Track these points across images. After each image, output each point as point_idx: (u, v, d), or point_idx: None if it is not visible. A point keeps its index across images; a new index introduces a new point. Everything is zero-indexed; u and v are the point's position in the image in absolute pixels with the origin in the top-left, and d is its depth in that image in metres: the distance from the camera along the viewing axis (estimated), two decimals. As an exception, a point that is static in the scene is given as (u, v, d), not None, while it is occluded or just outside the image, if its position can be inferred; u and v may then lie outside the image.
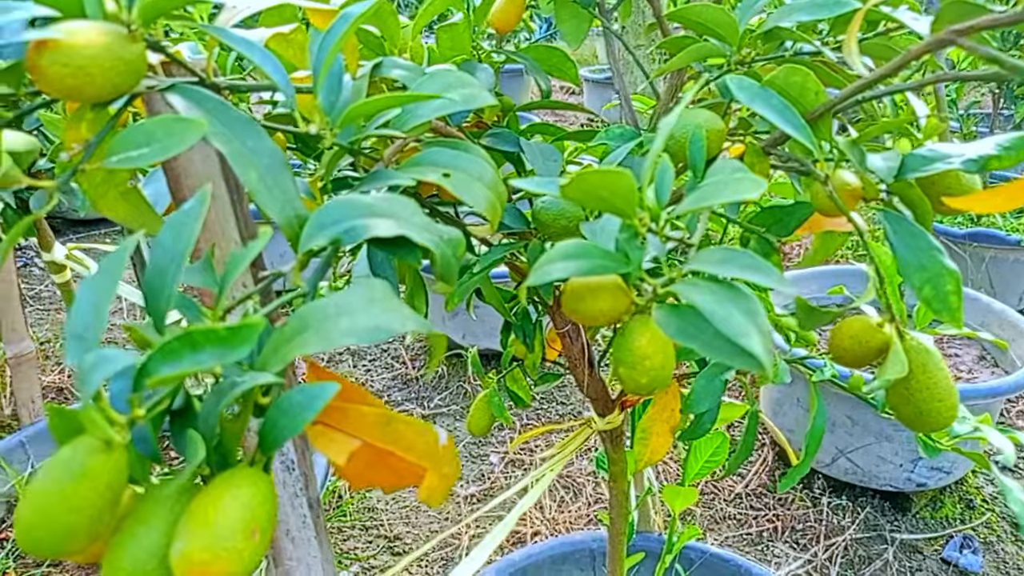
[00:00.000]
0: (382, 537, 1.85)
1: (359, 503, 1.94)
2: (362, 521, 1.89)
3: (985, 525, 1.80)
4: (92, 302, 0.28)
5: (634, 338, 0.37)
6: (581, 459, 2.08)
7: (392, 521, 1.89)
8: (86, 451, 0.28)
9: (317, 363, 0.34)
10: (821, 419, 0.67)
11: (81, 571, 1.40)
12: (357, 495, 1.97)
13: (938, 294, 0.40)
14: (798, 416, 1.84)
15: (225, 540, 0.27)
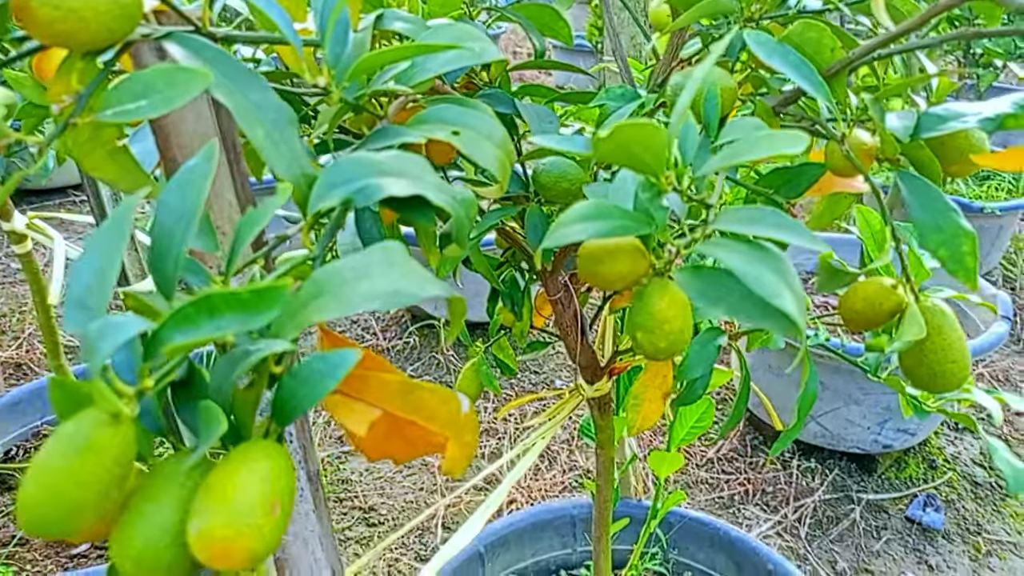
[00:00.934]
0: (357, 509, 1.84)
1: (333, 475, 1.93)
2: (336, 493, 1.88)
3: (947, 484, 1.86)
4: (95, 266, 0.26)
5: (653, 301, 0.36)
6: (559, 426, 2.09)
7: (367, 492, 1.88)
8: (92, 424, 0.26)
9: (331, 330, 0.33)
10: (813, 384, 0.67)
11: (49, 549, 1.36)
12: (331, 467, 1.95)
13: (954, 255, 0.39)
14: (770, 381, 1.87)
15: (246, 516, 0.26)
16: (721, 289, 0.33)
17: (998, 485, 1.86)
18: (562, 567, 1.29)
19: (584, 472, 1.93)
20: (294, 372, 0.28)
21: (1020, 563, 1.66)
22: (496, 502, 0.70)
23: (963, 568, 1.65)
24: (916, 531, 1.74)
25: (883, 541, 1.72)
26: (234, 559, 0.26)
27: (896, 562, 1.67)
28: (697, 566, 1.24)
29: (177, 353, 0.25)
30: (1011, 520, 1.77)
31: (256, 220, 0.28)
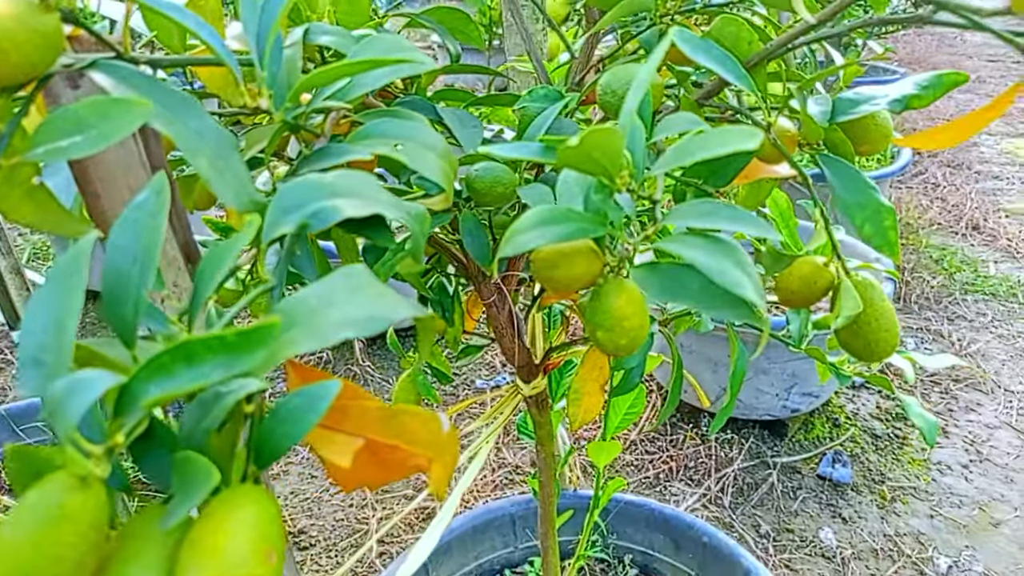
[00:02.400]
0: (287, 534, 1.78)
1: (256, 502, 1.86)
2: (262, 520, 1.81)
3: (851, 440, 1.98)
4: (49, 318, 0.24)
5: (611, 300, 0.37)
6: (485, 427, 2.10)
7: (295, 516, 1.82)
8: (61, 490, 0.24)
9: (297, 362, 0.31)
10: (742, 361, 0.70)
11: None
12: (253, 494, 1.88)
13: (877, 230, 0.42)
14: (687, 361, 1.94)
15: (240, 568, 0.25)
16: (680, 283, 0.34)
17: (895, 436, 2.00)
18: (506, 566, 1.29)
19: (513, 468, 1.94)
20: (275, 410, 0.27)
21: (921, 506, 1.79)
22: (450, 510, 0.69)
23: (872, 516, 1.77)
24: (828, 487, 1.85)
25: (799, 500, 1.82)
26: (233, 615, 0.24)
27: (813, 518, 1.77)
28: (637, 548, 1.28)
29: (155, 407, 0.23)
30: (910, 467, 1.90)
31: (221, 258, 0.27)
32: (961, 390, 2.14)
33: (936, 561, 1.65)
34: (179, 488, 0.25)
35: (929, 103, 0.43)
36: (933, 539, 1.70)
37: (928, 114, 4.15)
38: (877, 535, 1.72)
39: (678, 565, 1.24)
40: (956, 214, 3.09)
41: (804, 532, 1.73)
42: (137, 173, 0.37)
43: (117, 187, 0.37)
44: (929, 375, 2.21)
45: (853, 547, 1.69)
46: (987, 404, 2.09)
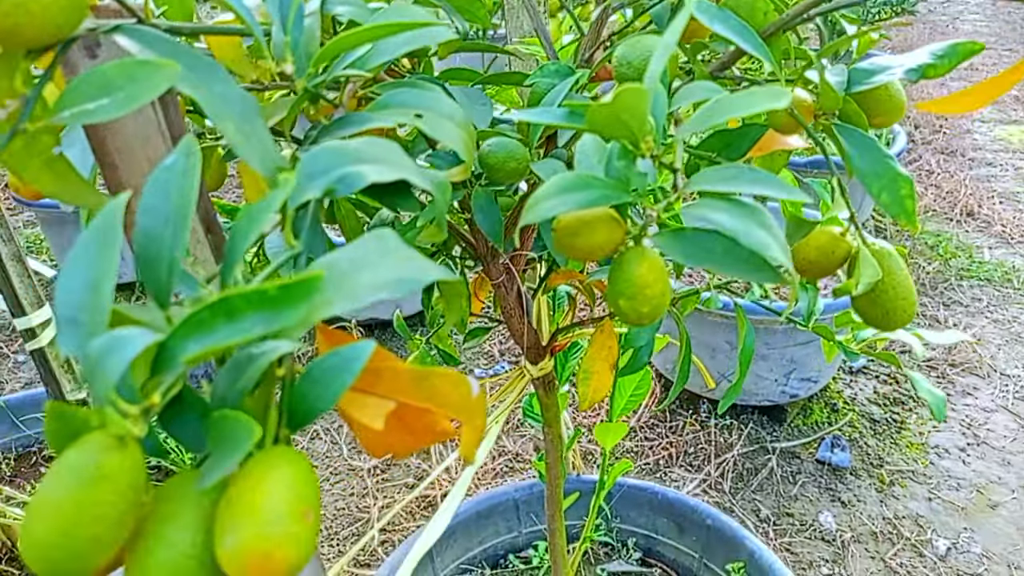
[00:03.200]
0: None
1: (257, 492, 1.86)
2: (263, 510, 1.81)
3: (849, 424, 1.99)
4: (86, 279, 0.23)
5: (632, 268, 0.37)
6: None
7: (295, 505, 1.82)
8: (99, 450, 0.24)
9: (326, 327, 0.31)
10: (750, 339, 0.70)
11: None
12: (254, 484, 1.88)
13: (895, 199, 0.42)
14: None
15: (279, 525, 0.25)
16: (704, 247, 0.34)
17: (894, 420, 2.01)
18: (510, 551, 1.30)
19: (513, 456, 1.94)
20: (306, 372, 0.27)
21: (920, 489, 1.80)
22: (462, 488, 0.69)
23: (872, 499, 1.78)
24: (827, 471, 1.86)
25: (799, 485, 1.83)
26: (273, 572, 0.24)
27: (813, 503, 1.78)
28: (640, 531, 1.28)
29: (195, 363, 0.23)
30: (907, 450, 1.92)
31: (254, 219, 0.27)
32: (958, 375, 2.16)
33: (935, 543, 1.66)
34: (216, 447, 0.25)
35: (944, 73, 0.43)
36: (932, 521, 1.72)
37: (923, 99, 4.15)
38: (876, 518, 1.73)
39: (681, 548, 1.25)
40: (951, 201, 3.10)
41: (804, 516, 1.74)
42: (156, 144, 0.36)
43: (135, 158, 0.37)
44: (926, 360, 2.22)
45: (853, 530, 1.70)
46: (984, 388, 2.11)
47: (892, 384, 2.13)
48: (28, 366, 2.32)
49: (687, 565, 1.25)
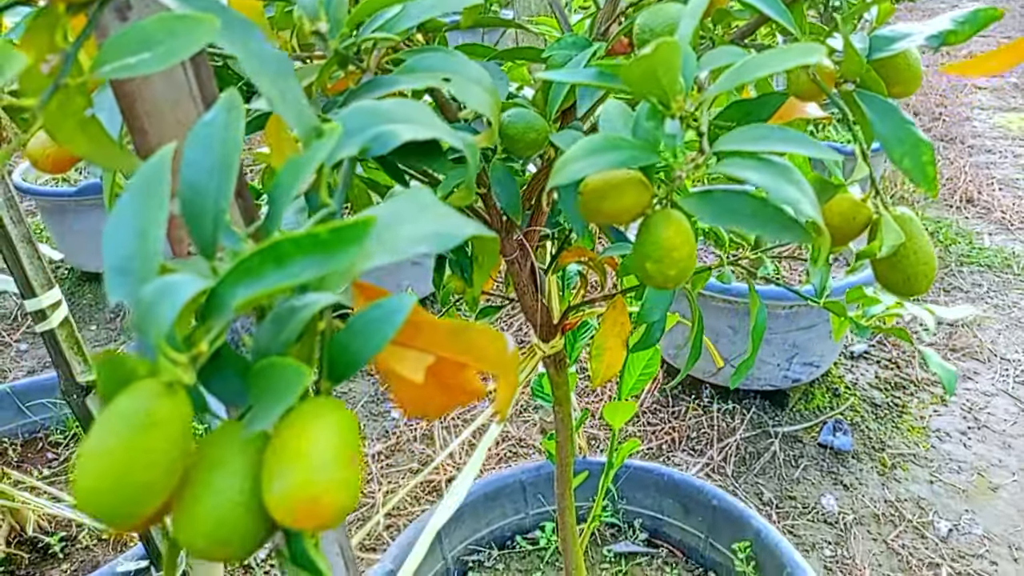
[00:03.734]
0: (292, 508, 1.79)
1: (262, 478, 1.86)
2: (268, 496, 1.82)
3: (851, 409, 2.00)
4: (133, 227, 0.24)
5: (660, 231, 0.37)
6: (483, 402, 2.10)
7: (300, 491, 1.83)
8: (149, 397, 0.24)
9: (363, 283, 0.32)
10: (762, 316, 0.71)
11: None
12: (259, 470, 1.88)
13: (916, 164, 0.42)
14: (684, 331, 1.95)
15: (327, 471, 0.25)
16: (733, 207, 0.34)
17: (895, 405, 2.02)
18: (516, 532, 1.30)
19: (517, 441, 1.95)
20: (348, 325, 0.27)
21: (921, 472, 1.82)
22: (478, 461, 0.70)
23: (873, 483, 1.79)
24: (829, 455, 1.87)
25: (801, 468, 1.84)
26: (321, 516, 0.25)
27: (815, 486, 1.79)
28: (646, 512, 1.29)
29: (246, 308, 0.23)
30: (909, 434, 1.93)
31: (298, 172, 0.27)
32: (959, 359, 2.17)
33: (936, 525, 1.68)
34: (262, 396, 0.25)
35: (966, 39, 0.43)
36: (933, 504, 1.73)
37: (920, 90, 4.15)
38: (878, 501, 1.74)
39: (687, 528, 1.26)
40: (950, 187, 3.11)
41: (806, 499, 1.75)
42: (186, 107, 0.36)
43: (165, 122, 0.37)
44: (926, 345, 2.23)
45: (855, 513, 1.71)
46: (984, 373, 2.12)
47: (893, 369, 2.14)
48: (31, 354, 2.32)
49: (693, 545, 1.26)
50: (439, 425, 2.01)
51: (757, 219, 0.33)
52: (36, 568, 1.25)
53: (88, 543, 1.29)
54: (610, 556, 1.27)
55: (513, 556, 1.29)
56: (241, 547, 0.26)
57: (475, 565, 1.27)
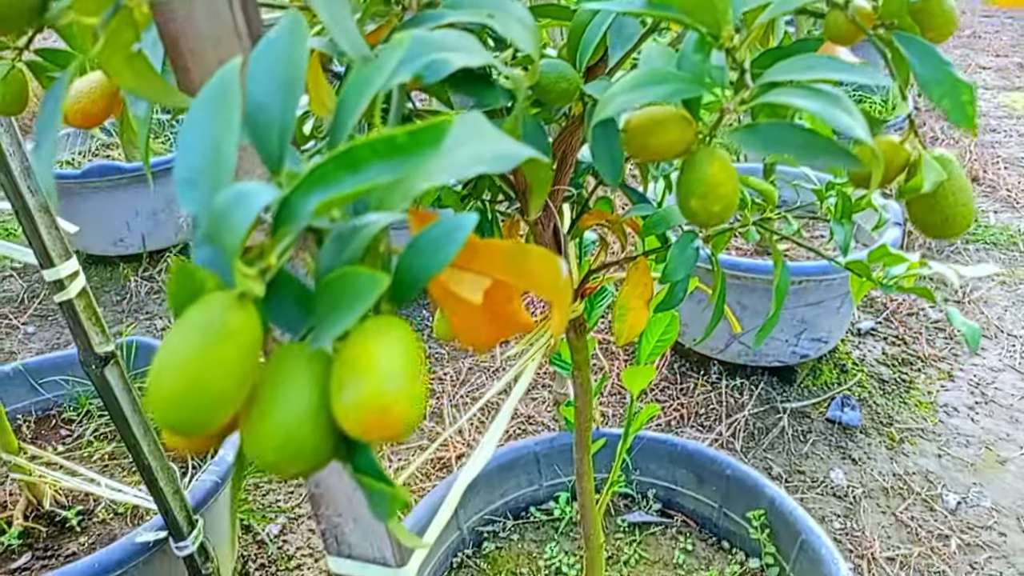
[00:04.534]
0: (303, 487, 1.80)
1: (273, 456, 1.87)
2: (279, 473, 1.83)
3: (858, 384, 2.01)
4: (204, 140, 0.24)
5: (705, 167, 0.37)
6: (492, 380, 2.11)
7: (311, 468, 1.84)
8: (222, 308, 0.24)
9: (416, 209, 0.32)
10: (785, 276, 0.71)
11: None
12: (270, 448, 1.89)
13: (955, 105, 0.42)
14: (691, 308, 1.95)
15: (395, 383, 0.25)
16: (782, 138, 0.34)
17: (902, 380, 2.03)
18: (531, 504, 1.31)
19: (526, 419, 1.96)
20: (411, 244, 0.27)
21: (929, 446, 1.82)
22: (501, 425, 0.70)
23: (882, 457, 1.80)
24: (837, 430, 1.88)
25: (810, 443, 1.84)
26: (390, 427, 0.25)
27: (824, 460, 1.80)
28: (660, 483, 1.30)
29: (321, 214, 0.24)
30: (916, 409, 1.93)
31: (364, 84, 0.27)
32: (965, 335, 2.17)
33: (945, 498, 1.69)
34: (333, 308, 0.25)
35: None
36: (942, 477, 1.74)
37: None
38: (887, 474, 1.75)
39: (700, 498, 1.26)
40: (955, 166, 3.10)
41: (815, 473, 1.76)
42: (230, 44, 0.36)
43: (207, 60, 0.37)
44: (934, 321, 2.23)
45: (864, 486, 1.72)
46: (991, 348, 2.12)
47: (900, 345, 2.15)
48: (38, 337, 2.32)
49: (706, 515, 1.27)
50: (448, 403, 2.02)
51: (808, 149, 0.33)
52: (54, 541, 1.26)
53: (105, 517, 1.30)
54: (624, 526, 1.28)
55: (527, 527, 1.30)
56: (309, 461, 0.26)
57: (490, 535, 1.27)
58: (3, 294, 2.52)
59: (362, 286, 0.24)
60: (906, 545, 1.59)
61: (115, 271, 2.56)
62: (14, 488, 1.34)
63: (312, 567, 1.59)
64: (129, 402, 1.01)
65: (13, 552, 1.23)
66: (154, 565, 1.17)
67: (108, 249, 2.48)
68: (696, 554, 1.25)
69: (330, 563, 0.55)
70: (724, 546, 1.25)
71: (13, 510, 1.27)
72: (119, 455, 1.47)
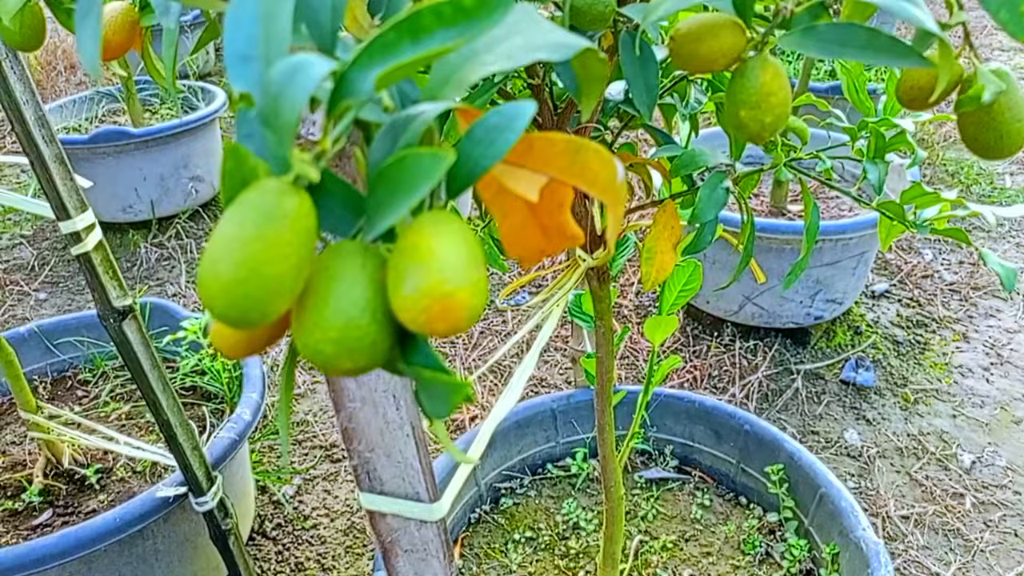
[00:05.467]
0: (318, 448, 1.80)
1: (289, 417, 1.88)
2: (294, 435, 1.84)
3: (872, 346, 2.00)
4: (257, 9, 0.22)
5: (756, 76, 0.36)
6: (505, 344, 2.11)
7: (325, 431, 1.85)
8: (277, 192, 0.23)
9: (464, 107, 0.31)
10: (815, 216, 0.70)
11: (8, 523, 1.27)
12: (284, 410, 1.90)
13: (1012, 15, 0.41)
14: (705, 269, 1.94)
15: (460, 270, 0.24)
16: (841, 40, 0.33)
17: (917, 342, 2.02)
18: (547, 460, 1.31)
19: (539, 381, 1.96)
20: (468, 133, 0.26)
21: (943, 406, 1.82)
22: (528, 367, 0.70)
23: (896, 417, 1.79)
24: (851, 391, 1.87)
25: (824, 404, 1.84)
26: (454, 316, 0.24)
27: (838, 421, 1.79)
28: (677, 440, 1.29)
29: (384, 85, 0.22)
30: (931, 370, 1.93)
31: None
32: (980, 297, 2.16)
33: (960, 457, 1.68)
34: (390, 195, 0.24)
35: None
36: (956, 437, 1.73)
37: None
38: (901, 435, 1.75)
39: (718, 454, 1.26)
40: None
41: (829, 434, 1.76)
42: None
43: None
44: (948, 283, 2.22)
45: (878, 446, 1.72)
46: (1006, 310, 2.11)
47: (915, 307, 2.14)
48: (50, 303, 2.33)
49: (724, 471, 1.27)
50: (460, 366, 2.02)
51: (870, 48, 0.32)
52: (74, 499, 1.26)
53: (123, 475, 1.31)
54: (641, 482, 1.28)
55: (544, 483, 1.30)
56: (366, 355, 0.25)
57: (507, 492, 1.28)
58: (14, 261, 2.52)
59: (425, 166, 0.23)
60: (920, 504, 1.59)
61: (124, 238, 2.55)
62: (33, 447, 1.34)
63: (328, 527, 1.60)
64: (148, 356, 1.01)
65: (34, 509, 1.24)
66: (174, 520, 1.17)
67: (117, 216, 2.47)
68: (713, 509, 1.25)
69: (361, 499, 0.54)
70: (741, 501, 1.25)
71: (33, 468, 1.28)
72: (135, 415, 1.47)
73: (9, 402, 1.46)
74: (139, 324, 0.99)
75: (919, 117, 0.70)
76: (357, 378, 0.48)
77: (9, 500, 1.25)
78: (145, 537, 1.14)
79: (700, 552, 1.18)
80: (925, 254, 2.35)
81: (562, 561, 1.17)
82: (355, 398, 0.49)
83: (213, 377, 1.48)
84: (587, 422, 1.30)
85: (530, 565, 1.16)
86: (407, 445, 0.50)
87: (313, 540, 1.57)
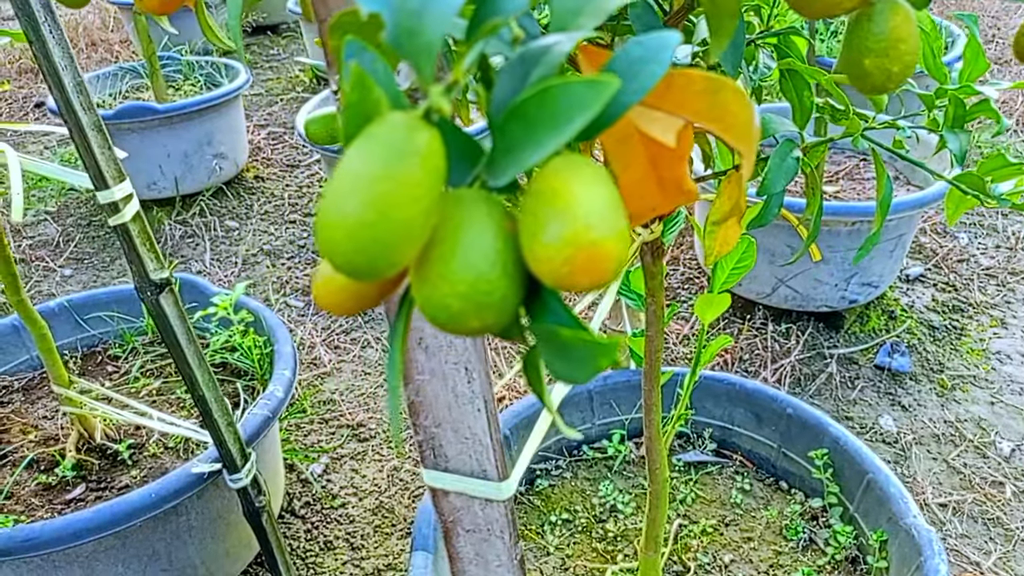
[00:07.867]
0: (345, 427, 1.79)
1: (314, 398, 1.87)
2: (320, 414, 1.83)
3: (907, 331, 1.96)
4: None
5: (885, 20, 0.33)
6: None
7: (352, 411, 1.83)
8: (406, 128, 0.21)
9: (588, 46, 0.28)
10: (888, 189, 0.67)
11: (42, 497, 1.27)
12: (311, 389, 1.89)
13: None
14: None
15: (605, 217, 0.21)
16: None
17: (953, 327, 1.98)
18: (583, 441, 1.29)
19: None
20: (608, 66, 0.23)
21: (981, 393, 1.78)
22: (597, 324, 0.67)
23: (932, 403, 1.76)
24: (886, 377, 1.84)
25: (858, 390, 1.81)
26: (600, 267, 0.21)
27: (872, 407, 1.76)
28: (716, 423, 1.27)
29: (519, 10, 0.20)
30: (968, 356, 1.89)
31: None
32: (1018, 282, 2.11)
33: (999, 445, 1.65)
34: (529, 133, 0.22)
35: None
36: (995, 424, 1.70)
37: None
38: (938, 421, 1.71)
39: (758, 438, 1.24)
40: (1006, 111, 3.00)
41: (864, 420, 1.73)
42: None
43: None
44: (984, 268, 2.17)
45: (914, 433, 1.69)
46: (1045, 296, 2.06)
47: (951, 292, 2.09)
48: (75, 279, 2.32)
49: (764, 455, 1.24)
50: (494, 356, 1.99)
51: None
52: (107, 474, 1.25)
53: (155, 451, 1.30)
54: (680, 465, 1.26)
55: (580, 465, 1.28)
56: (495, 312, 0.23)
57: (543, 473, 1.26)
58: (39, 237, 2.52)
59: (579, 95, 0.20)
60: (959, 491, 1.56)
61: (149, 215, 2.54)
62: (65, 422, 1.34)
63: (357, 506, 1.59)
64: (184, 331, 0.99)
65: (68, 483, 1.23)
66: (208, 497, 1.16)
67: (142, 192, 2.46)
68: (753, 494, 1.22)
69: (425, 477, 0.52)
70: (782, 486, 1.22)
71: (65, 443, 1.27)
72: (166, 391, 1.46)
73: (40, 377, 1.45)
74: (176, 298, 0.98)
75: (999, 85, 0.66)
76: (428, 349, 0.46)
77: (43, 474, 1.25)
78: (179, 513, 1.13)
79: (741, 537, 1.15)
80: (960, 238, 2.30)
81: (600, 544, 1.15)
82: (424, 370, 0.47)
83: (243, 354, 1.46)
84: (624, 403, 1.28)
85: (567, 547, 1.15)
86: (477, 420, 0.48)
87: (342, 519, 1.56)
